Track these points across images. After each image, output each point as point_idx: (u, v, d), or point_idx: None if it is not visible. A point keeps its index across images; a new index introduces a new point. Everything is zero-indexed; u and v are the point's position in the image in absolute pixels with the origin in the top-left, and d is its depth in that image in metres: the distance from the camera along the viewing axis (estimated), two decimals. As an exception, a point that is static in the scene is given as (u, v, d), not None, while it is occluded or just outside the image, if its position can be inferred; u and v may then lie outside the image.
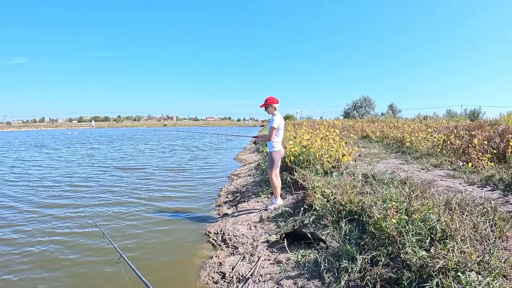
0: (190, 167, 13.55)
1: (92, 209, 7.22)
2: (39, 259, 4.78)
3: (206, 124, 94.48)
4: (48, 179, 10.92)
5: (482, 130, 9.03)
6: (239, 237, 4.93)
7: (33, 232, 5.86)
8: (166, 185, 9.64)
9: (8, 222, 6.41)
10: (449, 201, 3.80)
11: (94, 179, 10.83)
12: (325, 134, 8.35)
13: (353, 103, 55.64)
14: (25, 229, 6.00)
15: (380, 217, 3.42)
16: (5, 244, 5.30)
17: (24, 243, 5.35)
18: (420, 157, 8.23)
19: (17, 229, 5.98)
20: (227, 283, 3.80)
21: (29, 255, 4.92)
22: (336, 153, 7.18)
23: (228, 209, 6.60)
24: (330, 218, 4.41)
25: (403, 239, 2.98)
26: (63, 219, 6.55)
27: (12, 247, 5.21)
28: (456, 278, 2.35)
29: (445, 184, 5.32)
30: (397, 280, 2.72)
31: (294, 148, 7.15)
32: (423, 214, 3.31)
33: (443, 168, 6.84)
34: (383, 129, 14.93)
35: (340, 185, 5.13)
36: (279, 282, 3.39)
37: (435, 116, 30.08)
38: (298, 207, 5.30)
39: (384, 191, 4.44)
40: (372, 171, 6.24)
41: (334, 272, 3.23)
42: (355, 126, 20.37)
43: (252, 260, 4.11)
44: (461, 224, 2.97)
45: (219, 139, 32.66)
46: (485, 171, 6.04)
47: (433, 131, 10.77)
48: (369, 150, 10.39)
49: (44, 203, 7.76)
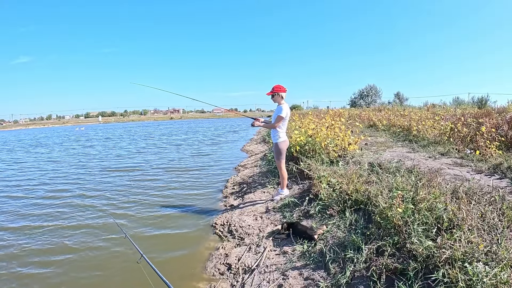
0: (197, 158, 13.60)
1: (100, 201, 7.30)
2: (56, 259, 4.79)
3: (213, 116, 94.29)
4: (66, 177, 11.05)
5: (490, 118, 8.88)
6: (245, 228, 4.94)
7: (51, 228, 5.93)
8: (172, 177, 9.69)
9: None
10: (456, 190, 3.74)
11: (101, 173, 10.93)
12: (330, 123, 8.26)
13: (359, 92, 55.23)
14: (44, 223, 6.08)
15: (386, 206, 3.39)
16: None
17: (40, 238, 5.41)
18: (427, 146, 8.14)
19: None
20: (233, 274, 3.82)
21: (43, 253, 4.94)
22: (342, 142, 7.12)
23: (234, 200, 6.61)
24: (336, 207, 4.38)
25: (409, 229, 2.95)
26: (82, 213, 6.62)
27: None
28: (463, 268, 2.32)
29: (452, 172, 5.26)
30: (403, 270, 2.70)
31: (300, 138, 7.11)
32: (429, 203, 3.27)
33: (450, 156, 6.76)
34: (389, 118, 14.77)
35: (346, 175, 5.10)
36: (285, 273, 3.39)
37: (443, 104, 29.67)
38: (304, 197, 5.29)
39: (390, 180, 4.40)
40: (378, 160, 6.18)
41: (339, 263, 3.22)
42: (362, 115, 20.20)
43: (258, 251, 4.12)
44: (468, 213, 2.93)
45: (224, 130, 32.74)
46: (493, 159, 5.95)
47: (440, 119, 10.62)
48: (376, 138, 10.30)
49: (64, 202, 7.85)
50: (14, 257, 4.73)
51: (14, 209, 7.00)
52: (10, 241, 5.26)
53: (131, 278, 3.96)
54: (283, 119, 5.50)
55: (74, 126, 65.93)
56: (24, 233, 5.60)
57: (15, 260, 4.63)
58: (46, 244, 5.14)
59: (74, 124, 79.64)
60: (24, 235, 5.53)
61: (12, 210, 6.92)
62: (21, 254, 4.80)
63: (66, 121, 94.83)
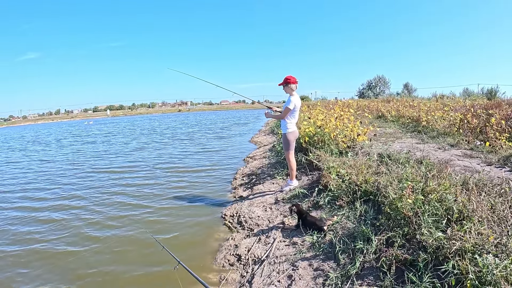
0: (206, 150, 13.67)
1: (110, 189, 7.41)
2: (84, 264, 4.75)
3: (221, 108, 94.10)
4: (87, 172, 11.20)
5: (500, 109, 8.77)
6: (254, 219, 4.99)
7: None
8: (182, 169, 9.77)
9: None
10: (466, 181, 3.73)
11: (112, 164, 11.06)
12: (339, 114, 8.24)
13: (368, 83, 54.58)
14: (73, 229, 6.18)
15: (395, 197, 3.40)
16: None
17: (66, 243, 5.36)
18: (436, 137, 8.08)
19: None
20: (243, 265, 3.88)
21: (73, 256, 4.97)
22: (351, 133, 7.10)
23: (243, 192, 6.66)
24: (345, 198, 4.40)
25: (419, 220, 2.97)
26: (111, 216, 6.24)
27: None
28: (473, 260, 2.33)
29: (462, 164, 5.23)
30: (412, 261, 2.72)
31: (309, 128, 7.10)
32: (439, 194, 3.27)
33: (460, 147, 6.71)
34: (398, 109, 14.63)
35: (355, 165, 5.10)
36: (294, 264, 3.43)
37: (452, 95, 29.26)
38: (313, 188, 5.31)
39: (399, 171, 4.40)
40: (387, 150, 6.16)
41: (349, 253, 3.25)
42: (370, 105, 20.03)
43: (267, 242, 4.17)
44: (478, 205, 2.93)
45: (233, 122, 32.74)
46: (503, 151, 5.89)
47: (449, 110, 10.51)
48: (385, 129, 10.24)
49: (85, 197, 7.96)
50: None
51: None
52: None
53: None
54: (290, 110, 5.49)
55: (83, 120, 66.47)
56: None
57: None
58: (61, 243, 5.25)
59: (83, 118, 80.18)
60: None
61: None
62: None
63: (75, 115, 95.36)
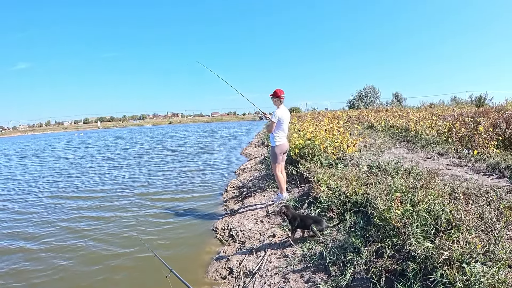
0: (197, 162, 13.63)
1: (102, 203, 7.32)
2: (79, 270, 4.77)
3: (212, 120, 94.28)
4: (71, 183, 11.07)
5: (488, 117, 8.93)
6: (246, 232, 4.96)
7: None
8: (173, 181, 9.72)
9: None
10: (454, 191, 3.78)
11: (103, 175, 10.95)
12: (329, 125, 8.31)
13: (358, 93, 55.27)
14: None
15: (384, 208, 3.41)
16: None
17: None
18: (425, 146, 8.18)
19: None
20: (235, 278, 3.85)
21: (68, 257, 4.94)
22: (341, 145, 7.16)
23: (235, 205, 6.63)
24: (336, 210, 4.42)
25: (408, 230, 2.97)
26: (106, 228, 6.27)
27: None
28: (461, 269, 2.34)
29: (450, 173, 5.29)
30: (402, 271, 2.73)
31: (299, 141, 7.14)
32: (428, 204, 3.29)
33: (448, 156, 6.80)
34: (388, 119, 14.83)
35: (345, 177, 5.13)
36: (286, 276, 3.41)
37: (441, 104, 29.75)
38: (303, 200, 5.32)
39: (389, 182, 4.43)
40: (377, 161, 6.21)
41: (339, 265, 3.24)
42: (360, 116, 20.24)
43: (259, 254, 4.15)
44: (466, 214, 2.95)
45: (224, 133, 32.76)
46: (491, 159, 5.98)
47: (438, 119, 10.66)
48: (374, 140, 10.33)
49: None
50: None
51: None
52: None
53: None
54: (274, 123, 5.48)
55: (73, 132, 66.14)
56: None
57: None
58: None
59: (73, 130, 79.77)
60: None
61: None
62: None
63: (65, 127, 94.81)
